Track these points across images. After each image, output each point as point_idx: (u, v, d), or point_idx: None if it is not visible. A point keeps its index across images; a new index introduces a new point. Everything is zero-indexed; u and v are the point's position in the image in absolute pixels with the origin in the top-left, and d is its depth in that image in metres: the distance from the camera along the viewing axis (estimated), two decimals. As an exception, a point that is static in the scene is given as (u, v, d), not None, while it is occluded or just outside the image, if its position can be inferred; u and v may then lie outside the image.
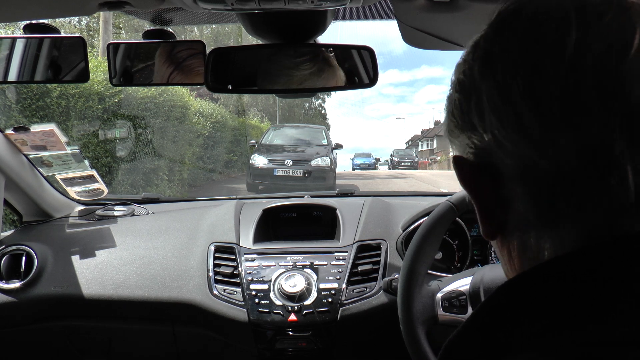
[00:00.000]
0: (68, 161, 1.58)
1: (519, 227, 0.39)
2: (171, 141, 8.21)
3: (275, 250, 1.40)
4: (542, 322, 0.33)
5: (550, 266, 0.36)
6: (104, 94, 6.37)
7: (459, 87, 0.42)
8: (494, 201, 0.40)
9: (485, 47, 0.40)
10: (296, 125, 13.03)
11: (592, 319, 0.32)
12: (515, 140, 0.36)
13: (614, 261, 0.33)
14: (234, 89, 1.06)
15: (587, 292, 0.33)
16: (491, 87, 0.38)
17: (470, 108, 0.40)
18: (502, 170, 0.38)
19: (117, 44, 1.02)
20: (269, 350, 1.31)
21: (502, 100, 0.37)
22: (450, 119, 0.43)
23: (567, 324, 0.32)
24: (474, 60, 0.40)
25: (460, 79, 0.41)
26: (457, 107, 0.41)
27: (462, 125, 0.41)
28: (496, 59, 0.38)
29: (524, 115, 0.35)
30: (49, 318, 1.43)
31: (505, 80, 0.37)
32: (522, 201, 0.38)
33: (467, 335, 0.38)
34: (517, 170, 0.37)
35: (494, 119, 0.37)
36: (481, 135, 0.39)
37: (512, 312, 0.36)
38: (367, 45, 0.97)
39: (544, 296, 0.35)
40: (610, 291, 0.32)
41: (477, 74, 0.39)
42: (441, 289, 1.09)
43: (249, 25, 0.97)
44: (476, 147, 0.40)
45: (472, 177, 0.42)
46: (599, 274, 0.33)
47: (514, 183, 0.38)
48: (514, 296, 0.37)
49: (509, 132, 0.36)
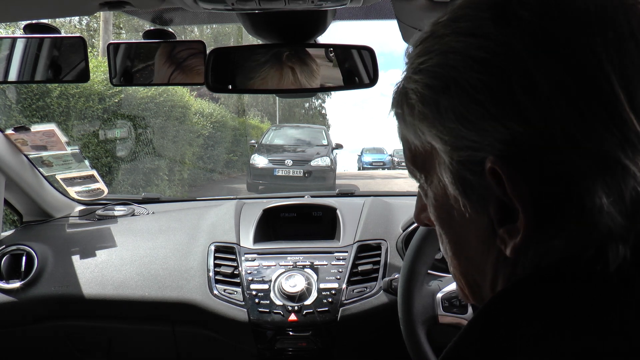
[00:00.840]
0: (68, 161, 1.58)
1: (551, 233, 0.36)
2: (171, 141, 8.21)
3: (275, 250, 1.40)
4: (542, 326, 0.32)
5: (550, 270, 0.35)
6: (104, 94, 6.37)
7: (479, 67, 0.34)
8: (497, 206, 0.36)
9: (532, 19, 0.33)
10: (296, 125, 13.04)
11: (590, 326, 0.31)
12: (600, 137, 0.31)
13: (616, 271, 0.32)
14: (234, 89, 1.06)
15: (586, 298, 0.32)
16: (558, 69, 0.32)
17: (512, 90, 0.33)
18: (568, 168, 0.33)
19: (117, 44, 1.02)
20: (269, 350, 1.31)
21: (582, 88, 0.31)
22: (467, 108, 0.35)
23: (567, 330, 0.32)
24: (508, 34, 0.34)
25: (481, 56, 0.34)
26: (482, 92, 0.34)
27: (498, 114, 0.33)
28: (559, 36, 0.33)
29: (620, 110, 0.31)
30: (49, 318, 1.43)
31: (582, 63, 0.32)
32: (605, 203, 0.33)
33: (468, 340, 0.37)
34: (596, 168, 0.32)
35: (567, 109, 0.32)
36: (539, 126, 0.32)
37: (512, 316, 0.35)
38: (367, 45, 0.97)
39: (544, 301, 0.34)
40: (610, 298, 0.32)
41: (523, 52, 0.33)
42: (441, 289, 1.09)
43: (249, 25, 0.97)
44: (515, 142, 0.33)
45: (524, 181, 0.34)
46: (597, 280, 0.32)
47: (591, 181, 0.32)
48: (515, 300, 0.35)
49: (594, 125, 0.31)
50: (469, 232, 0.39)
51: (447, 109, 0.36)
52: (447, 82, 0.36)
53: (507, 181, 0.34)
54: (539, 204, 0.34)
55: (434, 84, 0.37)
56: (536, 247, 0.35)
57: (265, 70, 0.99)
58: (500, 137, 0.34)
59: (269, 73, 0.99)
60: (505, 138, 0.34)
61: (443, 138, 0.37)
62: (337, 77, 1.00)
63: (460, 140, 0.36)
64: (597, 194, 0.32)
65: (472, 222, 0.38)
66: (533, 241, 0.35)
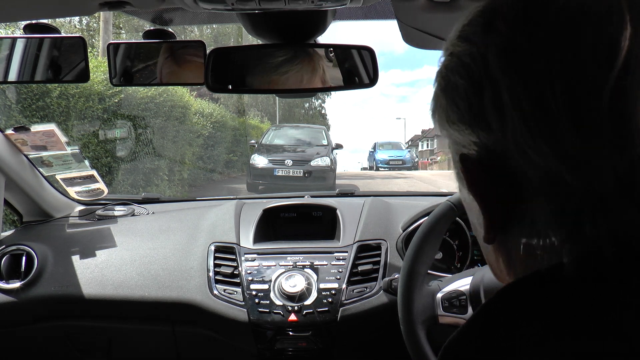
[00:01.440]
0: (68, 161, 1.58)
1: (528, 234, 0.36)
2: (171, 141, 8.21)
3: (275, 250, 1.40)
4: (542, 327, 0.32)
5: (552, 272, 0.34)
6: (104, 94, 6.37)
7: (463, 73, 0.36)
8: (503, 207, 0.37)
9: (507, 33, 0.34)
10: (296, 125, 13.04)
11: (589, 327, 0.31)
12: (544, 152, 0.32)
13: (616, 273, 0.32)
14: (234, 89, 1.06)
15: (585, 299, 0.32)
16: (517, 85, 0.33)
17: (483, 103, 0.34)
18: (519, 179, 0.34)
19: (117, 44, 1.02)
20: (269, 350, 1.31)
21: (533, 105, 0.32)
22: (450, 108, 0.38)
23: (566, 331, 0.31)
24: (487, 44, 0.35)
25: (466, 62, 0.36)
26: (463, 98, 0.36)
27: (470, 120, 0.36)
28: (525, 53, 0.33)
29: (561, 128, 0.31)
30: (49, 318, 1.43)
31: (538, 80, 0.32)
32: (541, 214, 0.34)
33: (467, 338, 0.36)
34: (540, 183, 0.33)
35: (518, 123, 0.32)
36: (497, 136, 0.34)
37: (512, 316, 0.34)
38: (367, 45, 0.97)
39: (543, 301, 0.33)
40: (609, 299, 0.31)
41: (493, 63, 0.34)
42: (441, 289, 1.09)
43: (249, 25, 0.97)
44: (485, 147, 0.36)
45: (482, 180, 0.37)
46: (599, 284, 0.32)
47: (534, 195, 0.34)
48: (515, 300, 0.35)
49: (537, 142, 0.32)
50: (475, 220, 0.43)
51: (443, 107, 0.39)
52: (445, 83, 0.38)
53: (466, 180, 0.38)
54: (492, 207, 0.37)
55: (439, 83, 0.40)
56: (559, 251, 0.35)
57: (265, 70, 0.99)
58: (474, 140, 0.36)
59: (269, 73, 0.99)
60: (475, 140, 0.36)
61: (445, 133, 0.40)
62: (337, 77, 1.00)
63: (452, 137, 0.39)
64: (541, 206, 0.34)
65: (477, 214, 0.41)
66: (555, 246, 0.35)
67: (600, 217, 0.32)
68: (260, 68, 0.99)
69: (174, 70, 1.02)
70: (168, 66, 1.02)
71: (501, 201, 0.37)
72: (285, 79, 0.98)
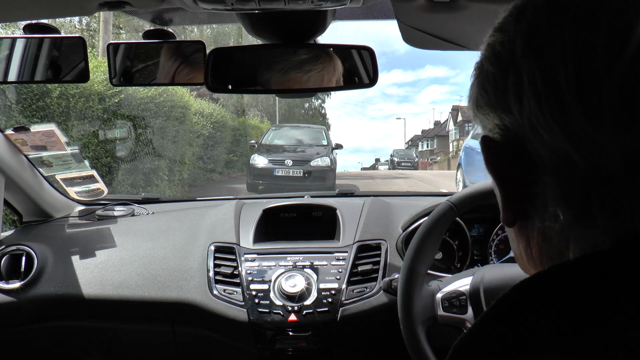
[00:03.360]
0: (68, 161, 1.58)
1: (542, 218, 0.37)
2: (171, 141, 8.21)
3: (275, 250, 1.40)
4: (563, 322, 0.32)
5: (573, 266, 0.34)
6: (104, 94, 6.37)
7: (494, 60, 0.38)
8: (520, 188, 0.38)
9: (532, 20, 0.36)
10: (296, 125, 13.03)
11: (612, 322, 0.31)
12: (555, 132, 0.34)
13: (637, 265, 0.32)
14: (234, 89, 1.06)
15: (609, 295, 0.32)
16: (534, 67, 0.34)
17: (506, 86, 0.36)
18: (534, 160, 0.36)
19: (117, 44, 1.02)
20: (269, 350, 1.31)
21: (546, 86, 0.33)
22: (480, 94, 0.40)
23: (588, 325, 0.31)
24: (515, 32, 0.36)
25: (497, 50, 0.38)
26: (491, 83, 0.38)
27: (495, 104, 0.38)
28: (543, 36, 0.34)
29: (570, 108, 0.33)
30: (49, 318, 1.43)
31: (552, 63, 0.33)
32: (552, 195, 0.36)
33: (481, 333, 0.36)
34: (551, 163, 0.35)
35: (533, 104, 0.34)
36: (516, 118, 0.36)
37: (530, 311, 0.34)
38: (367, 45, 0.97)
39: (565, 296, 0.33)
40: (633, 295, 0.31)
41: (518, 48, 0.36)
42: (441, 289, 1.09)
43: (249, 25, 0.97)
44: (507, 130, 0.37)
45: (501, 161, 0.39)
46: (621, 277, 0.32)
47: (546, 176, 0.36)
48: (534, 295, 0.35)
49: (549, 122, 0.34)
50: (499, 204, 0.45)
51: (474, 94, 0.41)
52: (479, 72, 0.41)
53: (486, 161, 0.40)
54: (509, 188, 0.39)
55: (475, 72, 0.42)
56: (571, 236, 0.36)
57: (265, 71, 0.99)
58: (497, 122, 0.38)
59: (269, 73, 0.99)
60: (498, 123, 0.38)
61: (476, 120, 0.42)
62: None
63: (481, 122, 0.41)
64: (552, 187, 0.35)
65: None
66: (568, 230, 0.36)
67: (607, 197, 0.33)
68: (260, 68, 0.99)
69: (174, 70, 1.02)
70: (168, 66, 1.02)
71: (518, 182, 0.38)
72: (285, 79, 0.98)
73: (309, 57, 0.97)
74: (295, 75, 0.97)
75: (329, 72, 0.97)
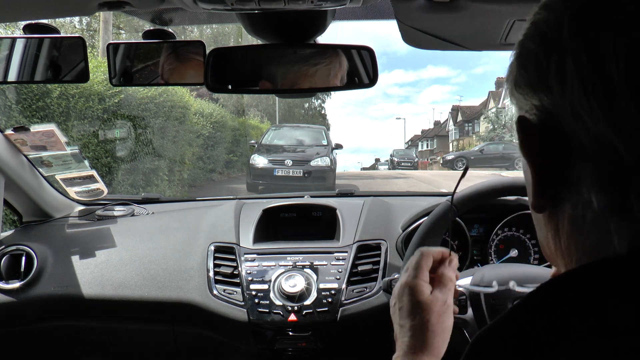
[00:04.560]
0: (68, 161, 1.58)
1: (575, 205, 0.36)
2: (171, 141, 8.21)
3: (275, 250, 1.40)
4: (591, 324, 0.31)
5: (606, 266, 0.33)
6: (104, 94, 6.37)
7: (538, 39, 0.37)
8: (553, 173, 0.37)
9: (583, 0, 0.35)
10: (296, 125, 13.04)
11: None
12: (598, 118, 0.32)
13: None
14: (234, 89, 1.06)
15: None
16: (581, 50, 0.33)
17: (549, 66, 0.35)
18: (573, 145, 0.35)
19: (117, 44, 1.02)
20: (269, 350, 1.31)
21: (594, 69, 0.32)
22: (519, 72, 0.39)
23: (619, 329, 0.30)
24: (563, 10, 0.35)
25: (542, 29, 0.36)
26: (532, 62, 0.37)
27: (535, 83, 0.37)
28: (593, 17, 0.33)
29: (618, 93, 0.31)
30: (49, 318, 1.43)
31: (601, 45, 0.32)
32: (588, 182, 0.35)
33: (503, 329, 0.35)
34: (590, 149, 0.34)
35: (577, 87, 0.33)
36: (556, 99, 0.35)
37: (558, 311, 0.33)
38: (367, 46, 0.97)
39: (596, 297, 0.32)
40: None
41: (565, 28, 0.34)
42: (441, 289, 1.09)
43: (248, 25, 0.97)
44: (545, 111, 0.36)
45: (536, 143, 0.38)
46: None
47: (584, 161, 0.34)
48: (561, 295, 0.34)
49: (593, 107, 0.32)
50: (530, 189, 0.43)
51: (513, 73, 0.40)
52: (520, 50, 0.39)
53: (521, 142, 0.39)
54: (542, 171, 0.38)
55: (516, 51, 0.40)
56: (605, 226, 0.35)
57: (265, 71, 0.99)
58: (535, 103, 0.37)
59: (269, 73, 0.99)
60: (536, 104, 0.37)
61: (513, 100, 0.41)
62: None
63: (517, 102, 0.40)
64: (589, 172, 0.34)
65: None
66: (602, 220, 0.35)
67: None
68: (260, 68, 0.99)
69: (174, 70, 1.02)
70: (168, 66, 1.02)
71: (552, 165, 0.37)
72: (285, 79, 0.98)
73: (316, 52, 0.97)
74: (303, 68, 0.97)
75: (335, 67, 0.97)
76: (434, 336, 0.64)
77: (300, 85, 0.98)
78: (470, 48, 1.03)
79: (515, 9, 0.80)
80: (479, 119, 28.82)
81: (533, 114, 0.38)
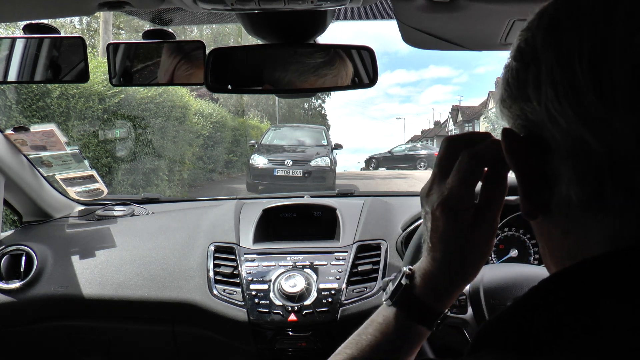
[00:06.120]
0: (68, 161, 1.58)
1: (561, 209, 0.38)
2: (171, 141, 8.21)
3: (275, 250, 1.40)
4: (588, 323, 0.31)
5: (603, 262, 0.34)
6: (104, 94, 6.37)
7: (518, 56, 0.40)
8: (539, 178, 0.39)
9: (552, 14, 0.38)
10: (296, 125, 13.04)
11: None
12: (570, 117, 0.35)
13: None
14: (234, 89, 1.06)
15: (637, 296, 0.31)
16: (552, 58, 0.36)
17: (527, 78, 0.38)
18: (551, 146, 0.37)
19: (117, 44, 1.02)
20: (269, 350, 1.31)
21: (562, 73, 0.35)
22: (504, 88, 0.42)
23: (617, 328, 0.30)
24: (537, 28, 0.38)
25: (521, 47, 0.40)
26: (514, 76, 0.40)
27: (516, 95, 0.40)
28: (561, 28, 0.36)
29: (583, 92, 0.34)
30: (49, 318, 1.43)
31: (568, 51, 0.35)
32: (567, 181, 0.36)
33: (504, 326, 0.36)
34: (565, 147, 0.36)
35: (550, 91, 0.36)
36: (534, 107, 0.37)
37: (556, 309, 0.33)
38: (367, 46, 0.97)
39: (588, 296, 0.33)
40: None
41: (539, 42, 0.38)
42: (441, 289, 1.09)
43: (248, 25, 0.97)
44: (527, 120, 0.39)
45: (520, 151, 0.40)
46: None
47: (562, 161, 0.36)
48: (559, 292, 0.35)
49: (564, 107, 0.35)
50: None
51: (500, 90, 0.43)
52: (506, 70, 0.42)
53: (506, 152, 0.41)
54: (528, 177, 0.40)
55: (503, 70, 0.43)
56: (588, 225, 0.37)
57: (265, 71, 0.99)
58: (518, 113, 0.40)
59: (269, 73, 0.98)
60: (519, 114, 0.40)
61: (501, 114, 0.44)
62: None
63: (503, 115, 0.43)
64: (568, 171, 0.36)
65: None
66: (585, 219, 0.36)
67: (621, 177, 0.33)
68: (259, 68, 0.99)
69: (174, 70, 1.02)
70: (167, 66, 1.02)
71: (535, 168, 0.39)
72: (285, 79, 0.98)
73: (325, 61, 0.96)
74: (309, 78, 0.97)
75: (342, 77, 0.97)
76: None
77: (301, 86, 0.98)
78: (470, 48, 1.03)
79: (515, 9, 0.80)
80: (479, 119, 28.83)
81: (518, 125, 0.40)
